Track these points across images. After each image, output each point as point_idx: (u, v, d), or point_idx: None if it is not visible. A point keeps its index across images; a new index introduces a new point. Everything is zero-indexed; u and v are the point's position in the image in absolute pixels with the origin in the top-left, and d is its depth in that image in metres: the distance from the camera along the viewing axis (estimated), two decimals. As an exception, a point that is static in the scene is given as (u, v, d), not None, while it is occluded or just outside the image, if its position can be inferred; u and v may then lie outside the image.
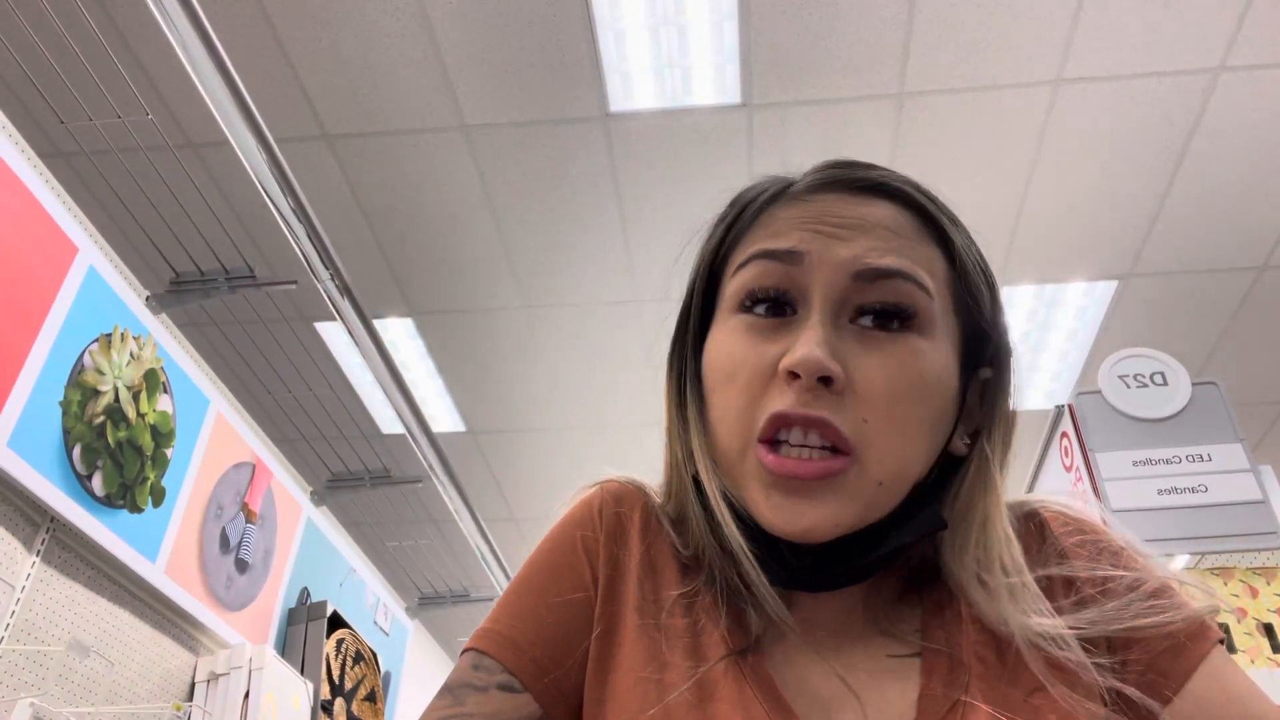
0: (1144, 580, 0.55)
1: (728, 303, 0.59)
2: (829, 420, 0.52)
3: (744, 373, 0.55)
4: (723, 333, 0.58)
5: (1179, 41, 2.70)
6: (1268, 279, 3.44)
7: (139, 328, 1.99)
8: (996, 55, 2.76)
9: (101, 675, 1.87)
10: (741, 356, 0.56)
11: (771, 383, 0.54)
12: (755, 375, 0.55)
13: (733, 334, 0.57)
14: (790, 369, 0.52)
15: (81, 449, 1.79)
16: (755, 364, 0.55)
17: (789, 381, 0.53)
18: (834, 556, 0.54)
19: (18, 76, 2.63)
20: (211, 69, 1.87)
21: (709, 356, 0.59)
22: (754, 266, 0.57)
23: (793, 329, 0.55)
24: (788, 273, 0.56)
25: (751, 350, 0.55)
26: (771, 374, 0.54)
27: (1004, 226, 3.27)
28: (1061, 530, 0.60)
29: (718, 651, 0.55)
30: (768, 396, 0.54)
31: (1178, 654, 0.53)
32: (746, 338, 0.56)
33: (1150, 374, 1.74)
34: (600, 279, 3.54)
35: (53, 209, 1.78)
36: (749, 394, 0.55)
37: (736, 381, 0.55)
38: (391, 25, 2.70)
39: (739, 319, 0.57)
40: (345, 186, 3.18)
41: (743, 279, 0.57)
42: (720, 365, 0.57)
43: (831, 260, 0.55)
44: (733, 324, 0.57)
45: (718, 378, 0.57)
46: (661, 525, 0.63)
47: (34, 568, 1.72)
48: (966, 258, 0.60)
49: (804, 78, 2.83)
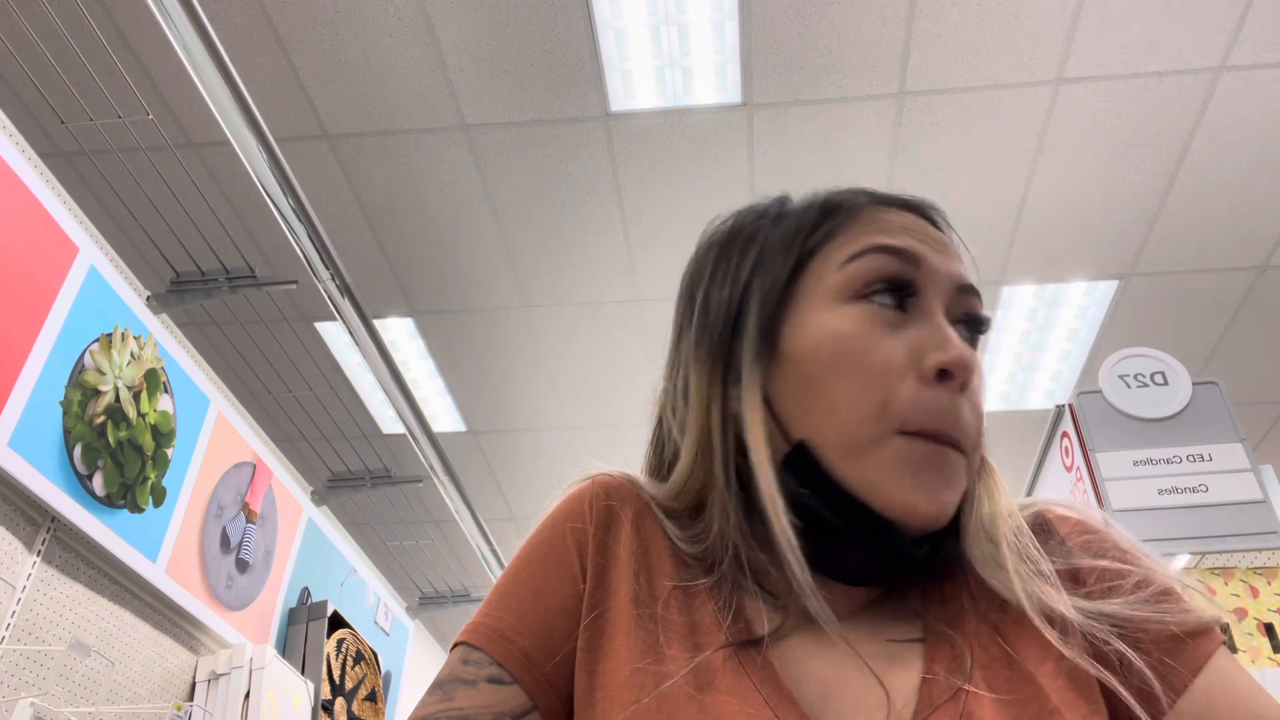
0: (1150, 580, 0.56)
1: (833, 291, 0.59)
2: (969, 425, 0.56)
3: (877, 359, 0.56)
4: (838, 318, 0.58)
5: (1179, 41, 2.70)
6: (1268, 278, 3.44)
7: (140, 327, 2.00)
8: (996, 55, 2.76)
9: (102, 675, 1.87)
10: (875, 343, 0.57)
11: (906, 375, 0.56)
12: (890, 364, 0.56)
13: (854, 321, 0.57)
14: (946, 367, 0.55)
15: (82, 449, 1.79)
16: (889, 353, 0.56)
17: (933, 380, 0.55)
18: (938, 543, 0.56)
19: (18, 76, 2.63)
20: (212, 68, 1.87)
21: (818, 339, 0.58)
22: (873, 259, 0.58)
23: (915, 327, 0.57)
24: (908, 273, 0.58)
25: (882, 339, 0.57)
26: (906, 364, 0.56)
27: (1005, 226, 3.27)
28: (1068, 530, 0.61)
29: (716, 642, 0.55)
30: (905, 389, 0.55)
31: (1183, 653, 0.53)
32: (873, 326, 0.57)
33: (1151, 374, 1.74)
34: (601, 278, 3.54)
35: (53, 209, 1.78)
36: (885, 382, 0.56)
37: (870, 366, 0.56)
38: (392, 25, 2.71)
39: (857, 307, 0.58)
40: (346, 186, 3.18)
41: (861, 269, 0.59)
42: (847, 349, 0.57)
43: (943, 270, 0.59)
44: (850, 311, 0.58)
45: (840, 361, 0.57)
46: (657, 516, 0.63)
47: (34, 567, 1.72)
48: None
49: (805, 77, 2.83)
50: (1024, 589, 0.54)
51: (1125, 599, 0.54)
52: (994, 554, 0.57)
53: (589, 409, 4.21)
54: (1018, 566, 0.56)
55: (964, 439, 0.56)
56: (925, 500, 0.54)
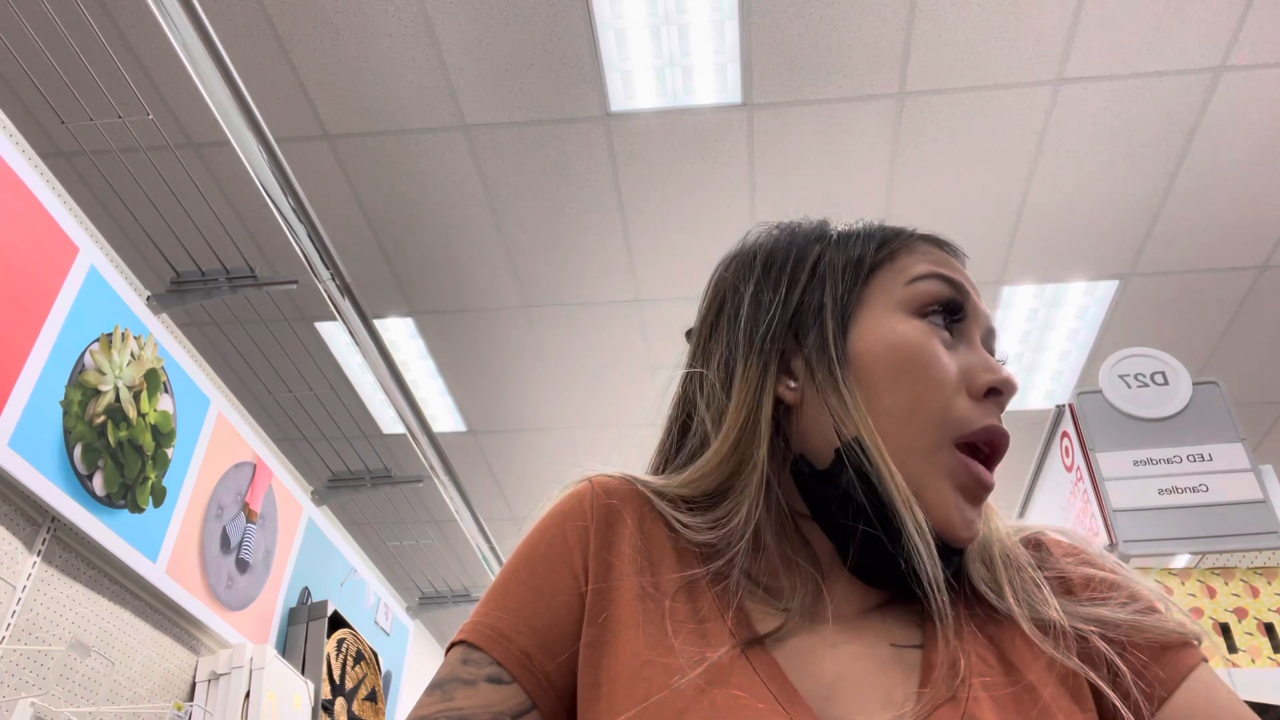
0: (1137, 596, 0.59)
1: (901, 304, 0.63)
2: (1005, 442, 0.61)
3: (941, 371, 0.60)
4: (905, 328, 0.62)
5: (1180, 41, 2.70)
6: (1268, 278, 3.43)
7: (140, 327, 2.00)
8: (997, 55, 2.76)
9: (102, 675, 1.87)
10: (938, 356, 0.61)
11: (959, 391, 0.60)
12: (948, 378, 0.60)
13: (919, 333, 0.62)
14: (997, 386, 0.60)
15: (82, 449, 1.79)
16: (948, 367, 0.61)
17: (982, 397, 0.60)
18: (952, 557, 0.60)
19: (18, 76, 2.63)
20: (212, 69, 1.87)
21: (883, 344, 0.62)
22: (934, 283, 0.63)
23: (959, 348, 0.63)
24: (959, 304, 0.64)
25: (942, 355, 0.61)
26: (959, 381, 0.61)
27: (1005, 226, 3.27)
28: (1059, 552, 0.64)
29: (724, 639, 0.56)
30: (960, 403, 0.60)
31: (1166, 663, 0.56)
32: (934, 341, 0.62)
33: (1151, 373, 1.74)
34: (601, 278, 3.54)
35: (54, 209, 1.78)
36: (944, 393, 0.60)
37: (934, 378, 0.60)
38: (392, 25, 2.71)
39: (921, 322, 0.62)
40: (346, 186, 3.18)
41: (924, 289, 0.63)
42: (915, 356, 0.61)
43: (981, 312, 0.65)
44: (917, 325, 0.62)
45: (908, 368, 0.60)
46: (658, 511, 0.64)
47: (35, 567, 1.72)
48: None
49: (805, 77, 2.83)
50: (1015, 600, 0.58)
51: (1117, 608, 0.58)
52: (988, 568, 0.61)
53: (589, 408, 4.21)
54: (1011, 579, 0.60)
55: (1003, 446, 0.61)
56: (961, 518, 0.58)
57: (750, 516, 0.60)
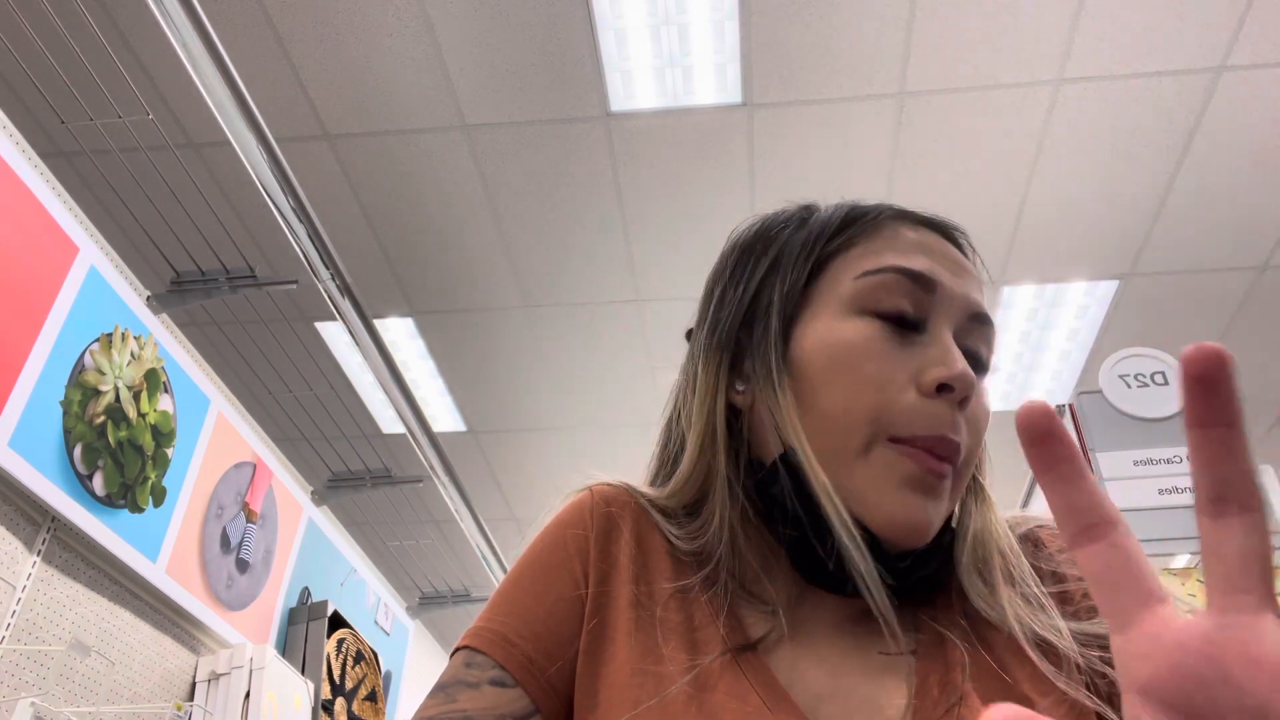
0: None
1: (843, 301, 0.60)
2: (961, 446, 0.56)
3: (877, 371, 0.57)
4: (845, 327, 0.59)
5: (1179, 41, 2.70)
6: (1268, 278, 3.43)
7: (140, 327, 2.00)
8: (997, 55, 2.76)
9: (102, 675, 1.87)
10: (875, 356, 0.57)
11: (906, 389, 0.56)
12: (889, 377, 0.56)
13: (858, 333, 0.58)
14: (947, 381, 0.55)
15: (82, 449, 1.79)
16: (889, 367, 0.57)
17: (933, 393, 0.55)
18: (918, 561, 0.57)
19: (19, 76, 2.63)
20: (212, 69, 1.87)
21: (819, 345, 0.59)
22: (889, 279, 0.59)
23: (919, 345, 0.58)
24: (921, 297, 0.59)
25: (885, 353, 0.57)
26: (906, 380, 0.56)
27: (1005, 226, 3.27)
28: (1056, 547, 0.61)
29: (715, 646, 0.56)
30: (903, 401, 0.56)
31: None
32: (878, 340, 0.58)
33: (1151, 373, 1.74)
34: (601, 278, 3.54)
35: (54, 209, 1.78)
36: (881, 394, 0.56)
37: (866, 378, 0.56)
38: (393, 25, 2.70)
39: (865, 322, 0.59)
40: (346, 186, 3.18)
41: (874, 287, 0.59)
42: (846, 358, 0.58)
43: (959, 296, 0.59)
44: (857, 325, 0.59)
45: (837, 370, 0.58)
46: (653, 520, 0.64)
47: (35, 567, 1.72)
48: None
49: (805, 77, 2.82)
50: (1015, 617, 0.55)
51: None
52: (985, 582, 0.57)
53: (589, 408, 4.21)
54: (1010, 596, 0.56)
55: (955, 454, 0.56)
56: (906, 514, 0.54)
57: (723, 525, 0.60)
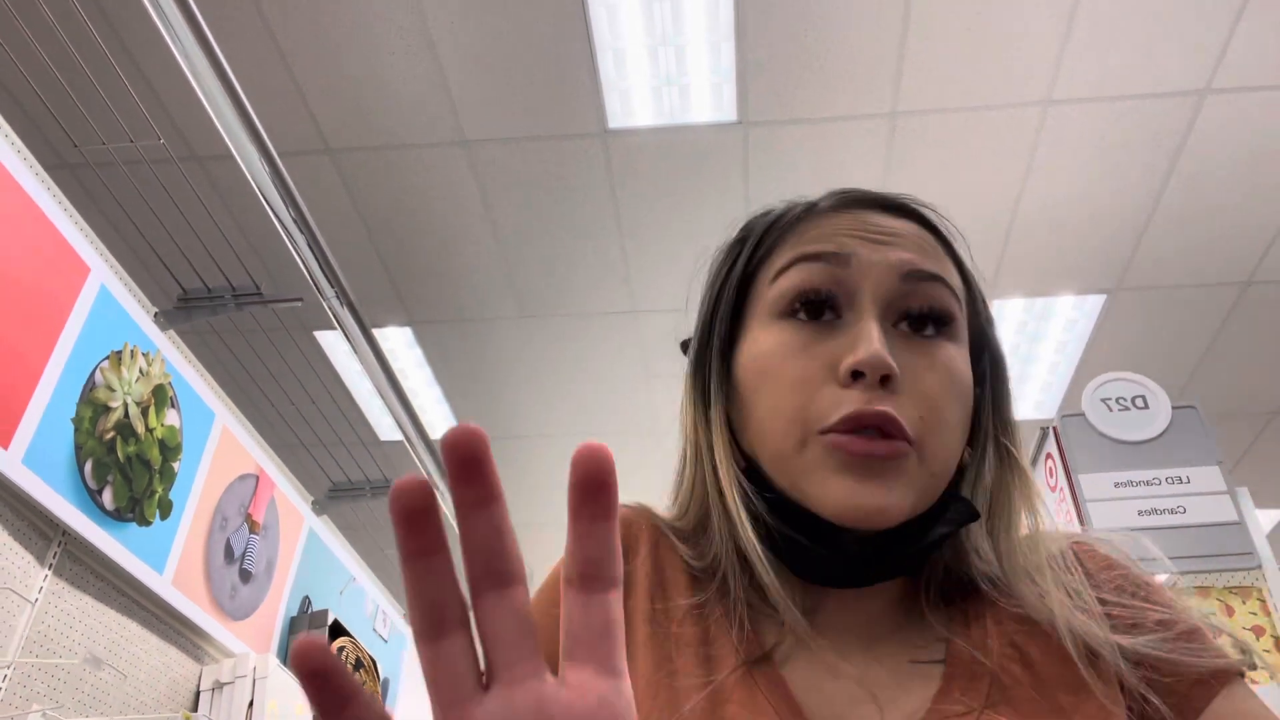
0: (1175, 620, 0.55)
1: (767, 309, 0.60)
2: (895, 416, 0.53)
3: (794, 372, 0.56)
4: (765, 336, 0.59)
5: (1166, 64, 2.76)
6: (1252, 294, 3.50)
7: (148, 344, 2.04)
8: (988, 76, 2.81)
9: (111, 685, 1.91)
10: (792, 355, 0.57)
11: (826, 382, 0.55)
12: (808, 374, 0.56)
13: (777, 336, 0.58)
14: (855, 368, 0.53)
15: (93, 464, 1.83)
16: (806, 363, 0.56)
17: (849, 381, 0.54)
18: (892, 543, 0.55)
19: (28, 94, 2.66)
20: (217, 84, 1.91)
21: (748, 360, 0.60)
22: (798, 270, 0.58)
23: (840, 331, 0.56)
24: (834, 275, 0.57)
25: (801, 350, 0.57)
26: (825, 373, 0.55)
27: (995, 241, 3.33)
28: (1093, 564, 0.60)
29: (730, 661, 0.56)
30: (824, 395, 0.55)
31: (1201, 685, 0.53)
32: (794, 339, 0.57)
33: (1132, 397, 1.79)
34: (598, 290, 3.59)
35: (65, 230, 1.82)
36: (803, 391, 0.55)
37: (786, 380, 0.56)
38: (395, 43, 2.75)
39: (783, 323, 0.58)
40: (347, 198, 3.22)
41: (785, 284, 0.59)
42: (767, 366, 0.58)
43: (881, 262, 0.57)
44: (776, 328, 0.58)
45: (763, 379, 0.58)
46: (671, 541, 0.65)
47: (46, 580, 1.76)
48: (974, 278, 0.64)
49: (799, 96, 2.88)
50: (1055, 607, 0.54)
51: (1148, 637, 0.54)
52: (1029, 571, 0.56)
53: (584, 417, 4.26)
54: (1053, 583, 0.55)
55: (890, 425, 0.53)
56: (851, 500, 0.53)
57: (723, 540, 0.60)
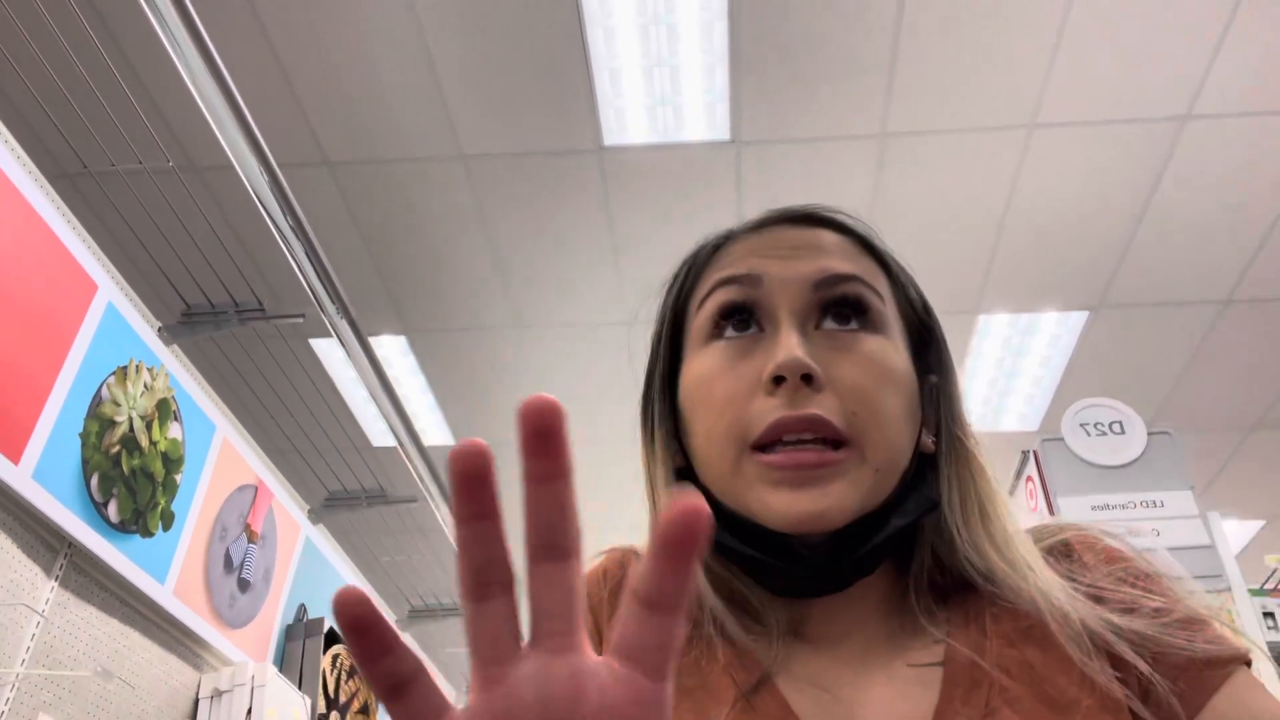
0: (1172, 609, 0.55)
1: (696, 336, 0.62)
2: (823, 416, 0.54)
3: (724, 390, 0.58)
4: (697, 361, 0.61)
5: (1148, 90, 2.83)
6: (1232, 312, 3.58)
7: (152, 359, 2.08)
8: (976, 99, 2.88)
9: (114, 694, 1.95)
10: (720, 376, 0.58)
11: (754, 395, 0.57)
12: (737, 391, 0.57)
13: (707, 358, 0.60)
14: (776, 373, 0.55)
15: (99, 478, 1.87)
16: (735, 380, 0.58)
17: (773, 388, 0.55)
18: (844, 544, 0.56)
19: (38, 116, 2.70)
20: (219, 97, 1.95)
21: (686, 386, 0.62)
22: (717, 294, 0.61)
23: (764, 345, 0.58)
24: (750, 294, 0.60)
25: (729, 369, 0.58)
26: (753, 387, 0.57)
27: (981, 259, 3.40)
28: (1091, 557, 0.60)
29: (728, 694, 0.56)
30: (753, 408, 0.56)
31: (1201, 673, 0.53)
32: (722, 358, 0.59)
33: (1109, 423, 1.86)
34: (591, 302, 3.64)
35: (74, 247, 1.86)
36: (734, 408, 0.57)
37: (718, 399, 0.58)
38: (394, 59, 2.79)
39: (711, 347, 0.60)
40: (345, 210, 3.26)
41: (709, 308, 0.61)
42: (700, 388, 0.60)
43: (791, 277, 0.59)
44: (706, 351, 0.60)
45: (698, 401, 0.60)
46: None
47: (53, 592, 1.80)
48: (900, 272, 0.66)
49: (791, 117, 2.94)
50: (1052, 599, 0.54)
51: (1146, 621, 0.54)
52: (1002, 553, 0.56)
53: (575, 426, 4.29)
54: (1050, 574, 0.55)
55: (818, 426, 0.54)
56: (787, 505, 0.54)
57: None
